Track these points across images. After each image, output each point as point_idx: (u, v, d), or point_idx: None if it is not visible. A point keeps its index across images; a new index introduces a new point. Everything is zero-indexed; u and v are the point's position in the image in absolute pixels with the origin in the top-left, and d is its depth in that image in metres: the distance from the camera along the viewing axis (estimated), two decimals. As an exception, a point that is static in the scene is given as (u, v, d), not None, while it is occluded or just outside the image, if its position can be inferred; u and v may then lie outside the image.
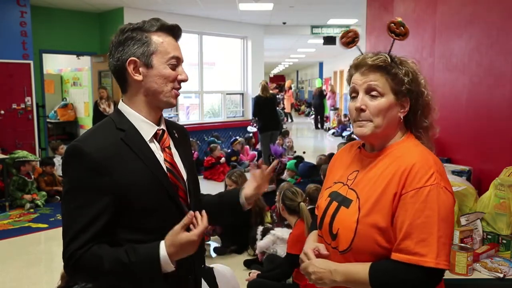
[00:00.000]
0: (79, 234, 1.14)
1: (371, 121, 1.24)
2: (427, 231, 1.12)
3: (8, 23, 6.49)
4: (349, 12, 8.62)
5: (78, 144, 1.18)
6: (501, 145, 2.48)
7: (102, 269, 1.12)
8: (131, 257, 1.12)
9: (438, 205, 1.13)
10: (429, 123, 1.31)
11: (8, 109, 6.54)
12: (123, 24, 1.28)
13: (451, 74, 2.97)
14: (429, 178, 1.15)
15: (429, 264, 1.10)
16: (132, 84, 1.26)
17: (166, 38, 1.26)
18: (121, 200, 1.17)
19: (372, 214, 1.19)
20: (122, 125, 1.24)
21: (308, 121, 18.62)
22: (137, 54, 1.22)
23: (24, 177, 5.85)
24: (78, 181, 1.16)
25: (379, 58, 1.24)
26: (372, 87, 1.24)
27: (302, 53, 16.76)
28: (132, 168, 1.19)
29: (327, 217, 1.31)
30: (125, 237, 1.19)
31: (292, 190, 3.41)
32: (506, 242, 2.05)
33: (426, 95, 1.29)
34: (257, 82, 10.55)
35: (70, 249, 1.14)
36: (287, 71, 29.81)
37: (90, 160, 1.14)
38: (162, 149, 1.29)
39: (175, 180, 1.28)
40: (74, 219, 1.15)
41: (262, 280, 3.25)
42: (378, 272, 1.16)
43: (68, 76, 9.62)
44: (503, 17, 2.48)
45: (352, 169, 1.35)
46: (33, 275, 3.75)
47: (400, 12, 3.61)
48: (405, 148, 1.25)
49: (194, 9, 8.09)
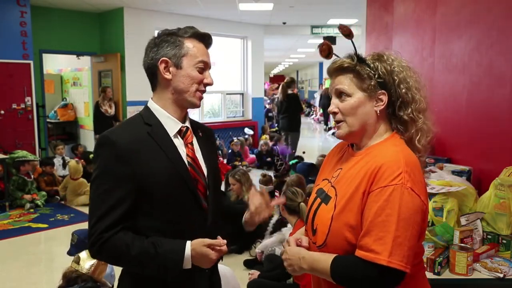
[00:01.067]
0: (105, 215, 1.24)
1: (344, 121, 1.29)
2: (385, 229, 1.13)
3: (8, 23, 6.49)
4: (349, 12, 8.62)
5: (108, 134, 1.30)
6: (501, 145, 2.49)
7: (128, 255, 1.24)
8: (158, 249, 1.24)
9: (399, 205, 1.13)
10: (410, 117, 1.27)
11: (8, 109, 6.54)
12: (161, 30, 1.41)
13: (451, 74, 2.97)
14: (395, 178, 1.15)
15: (382, 261, 1.11)
16: (161, 82, 1.37)
17: (197, 44, 1.38)
18: (142, 189, 1.27)
19: (344, 212, 1.22)
20: (149, 120, 1.36)
21: (308, 121, 18.62)
22: (169, 55, 1.34)
23: (23, 176, 5.85)
24: (105, 168, 1.27)
25: (342, 61, 1.29)
26: (339, 90, 1.29)
27: (302, 53, 16.76)
28: (155, 160, 1.30)
29: (311, 213, 1.36)
30: (145, 224, 1.29)
31: (292, 190, 3.41)
32: (506, 242, 2.05)
33: (398, 83, 1.26)
34: (257, 82, 10.58)
35: (97, 230, 1.23)
36: (287, 71, 29.80)
37: (118, 149, 1.26)
38: (185, 144, 1.39)
39: (195, 174, 1.37)
40: (102, 201, 1.25)
41: (262, 280, 3.26)
42: (339, 265, 1.19)
43: (68, 76, 9.62)
44: (503, 17, 2.48)
45: (338, 167, 1.38)
46: (33, 275, 3.75)
47: (400, 12, 3.61)
48: (383, 147, 1.26)
49: (194, 9, 8.09)
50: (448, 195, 2.20)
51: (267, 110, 14.65)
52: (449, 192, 2.20)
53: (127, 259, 1.25)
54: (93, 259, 1.33)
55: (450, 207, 2.17)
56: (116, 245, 1.24)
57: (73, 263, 2.57)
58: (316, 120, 17.69)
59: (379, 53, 1.32)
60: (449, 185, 2.24)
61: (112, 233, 1.24)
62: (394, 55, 1.32)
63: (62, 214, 5.53)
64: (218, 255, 1.29)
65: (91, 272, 2.52)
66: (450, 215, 2.16)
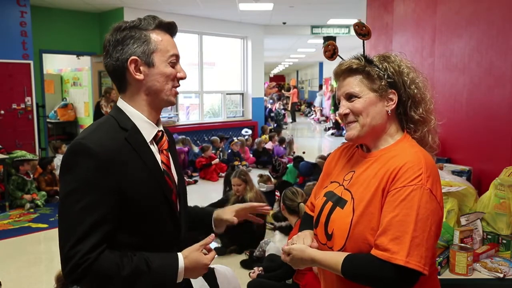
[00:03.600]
0: (88, 234, 1.09)
1: (356, 121, 1.27)
2: (403, 229, 1.11)
3: (8, 23, 6.49)
4: (349, 12, 8.62)
5: (84, 141, 1.14)
6: (501, 145, 2.48)
7: (118, 276, 1.10)
8: (151, 266, 1.14)
9: (418, 206, 1.12)
10: (421, 116, 1.28)
11: (8, 109, 6.54)
12: (118, 22, 1.26)
13: (451, 74, 2.97)
14: (415, 178, 1.14)
15: (399, 261, 1.10)
16: (132, 84, 1.24)
17: (164, 36, 1.26)
18: (123, 201, 1.15)
19: (365, 215, 1.20)
20: (125, 124, 1.22)
21: (308, 121, 18.63)
22: (138, 53, 1.21)
23: (23, 176, 5.85)
24: (85, 180, 1.11)
25: (351, 62, 1.27)
26: (349, 93, 1.27)
27: (302, 53, 16.77)
28: (135, 170, 1.18)
29: (323, 217, 1.32)
30: (124, 240, 1.17)
31: (293, 190, 3.41)
32: (506, 242, 2.05)
33: (409, 84, 1.27)
34: (257, 82, 10.58)
35: (79, 251, 1.07)
36: (287, 71, 29.80)
37: (98, 159, 1.11)
38: (160, 151, 1.28)
39: (170, 184, 1.28)
40: (81, 219, 1.09)
41: (262, 280, 3.26)
42: (353, 264, 1.17)
43: (68, 76, 9.62)
44: (503, 17, 2.48)
45: (348, 169, 1.35)
46: (33, 275, 3.75)
47: (400, 12, 3.61)
48: (400, 148, 1.25)
49: (194, 9, 8.09)
50: (448, 195, 2.20)
51: (269, 109, 14.66)
52: (449, 192, 2.19)
53: (118, 280, 1.11)
54: (72, 284, 1.13)
55: (450, 207, 2.17)
56: (104, 266, 1.09)
57: None
58: (316, 120, 17.70)
59: (385, 54, 1.31)
60: (449, 185, 2.24)
61: (98, 252, 1.09)
62: (399, 56, 1.32)
63: (62, 214, 5.52)
64: (211, 258, 1.23)
65: None
66: (450, 215, 2.16)
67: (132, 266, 1.12)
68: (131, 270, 1.12)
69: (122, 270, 1.11)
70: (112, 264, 1.10)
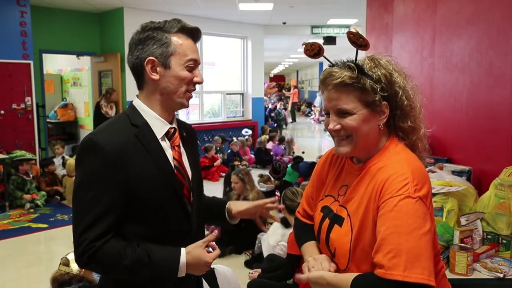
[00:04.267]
0: (94, 223, 1.17)
1: (348, 136, 1.21)
2: (396, 242, 1.05)
3: (8, 23, 6.48)
4: (349, 12, 8.62)
5: (94, 138, 1.21)
6: (501, 145, 2.48)
7: (120, 264, 1.18)
8: (152, 258, 1.19)
9: (408, 215, 1.07)
10: (411, 125, 1.24)
11: (8, 109, 6.53)
12: (145, 22, 1.30)
13: (451, 74, 2.97)
14: (401, 188, 1.10)
15: (396, 277, 1.02)
16: (148, 82, 1.29)
17: (185, 40, 1.29)
18: (130, 194, 1.21)
19: (362, 233, 1.17)
20: (136, 121, 1.27)
21: (307, 121, 18.62)
22: (156, 54, 1.25)
23: (23, 176, 5.85)
24: (93, 173, 1.19)
25: (343, 75, 1.17)
26: (341, 109, 1.19)
27: (302, 53, 16.65)
28: (142, 164, 1.23)
29: (322, 234, 1.29)
30: (131, 230, 1.23)
31: (292, 190, 3.41)
32: (506, 242, 2.05)
33: (401, 95, 1.21)
34: (257, 82, 10.58)
35: (86, 239, 1.16)
36: (287, 71, 29.79)
37: (105, 155, 1.18)
38: (172, 147, 1.33)
39: (181, 178, 1.31)
40: (90, 207, 1.17)
41: (262, 280, 3.26)
42: (359, 285, 1.10)
43: (68, 76, 9.62)
44: (503, 17, 2.48)
45: (342, 183, 1.32)
46: (33, 275, 3.75)
47: (400, 12, 3.61)
48: (386, 158, 1.21)
49: (194, 9, 8.09)
50: (448, 195, 2.20)
51: (270, 110, 14.64)
52: (449, 192, 2.20)
53: (120, 268, 1.19)
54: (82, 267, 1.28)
55: (450, 207, 2.17)
56: (108, 254, 1.17)
57: (62, 266, 2.50)
58: (316, 120, 17.69)
59: (374, 57, 1.24)
60: (449, 185, 2.24)
61: (104, 241, 1.17)
62: (390, 60, 1.25)
63: (62, 214, 5.53)
64: (214, 256, 1.26)
65: (82, 272, 2.50)
66: (450, 215, 2.16)
67: (134, 256, 1.18)
68: (132, 260, 1.18)
69: (124, 259, 1.17)
70: (115, 253, 1.18)
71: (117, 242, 1.19)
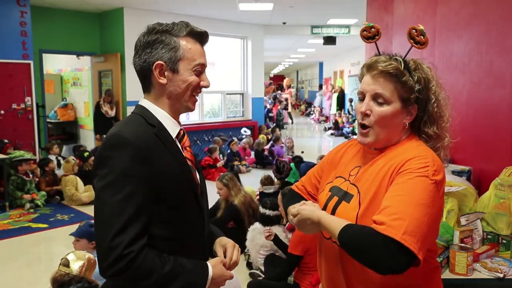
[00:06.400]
0: (128, 226, 1.09)
1: (372, 128, 1.25)
2: (403, 209, 1.08)
3: (8, 23, 6.48)
4: (349, 12, 8.62)
5: (119, 133, 1.15)
6: (501, 145, 2.49)
7: (159, 272, 1.12)
8: (186, 267, 1.18)
9: (421, 191, 1.11)
10: (436, 132, 1.29)
11: (8, 109, 6.54)
12: (152, 24, 1.28)
13: (451, 74, 2.97)
14: (421, 168, 1.14)
15: (394, 235, 1.04)
16: (156, 86, 1.27)
17: (194, 44, 1.28)
18: (156, 192, 1.17)
19: (371, 208, 1.19)
20: (152, 120, 1.25)
21: (308, 121, 18.62)
22: (164, 58, 1.23)
23: (22, 176, 5.85)
24: (123, 171, 1.11)
25: (391, 64, 1.23)
26: (380, 94, 1.23)
27: (302, 53, 16.76)
28: (167, 163, 1.21)
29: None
30: (154, 232, 1.17)
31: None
32: (506, 242, 2.05)
33: (433, 102, 1.27)
34: (257, 82, 10.58)
35: (121, 243, 1.07)
36: (287, 71, 29.80)
37: (135, 150, 1.13)
38: (183, 148, 1.32)
39: (196, 179, 1.32)
40: (121, 210, 1.09)
41: (262, 280, 3.26)
42: (351, 233, 1.13)
43: (68, 76, 9.62)
44: (503, 17, 2.48)
45: (354, 165, 1.35)
46: (33, 275, 3.75)
47: (400, 12, 3.61)
48: (408, 146, 1.25)
49: (194, 9, 8.09)
50: (448, 195, 2.20)
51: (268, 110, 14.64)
52: (449, 192, 2.20)
53: (157, 277, 1.11)
54: (112, 277, 1.10)
55: (450, 207, 2.17)
56: (148, 259, 1.10)
57: (61, 267, 2.49)
58: (316, 120, 17.70)
59: (418, 62, 1.29)
60: (449, 185, 2.24)
61: (141, 245, 1.10)
62: (430, 65, 1.31)
63: (62, 214, 5.53)
64: (231, 274, 1.28)
65: (82, 272, 2.49)
66: (450, 215, 2.16)
67: (171, 264, 1.15)
68: (172, 268, 1.14)
69: (164, 266, 1.13)
70: (155, 258, 1.12)
71: (150, 250, 1.13)
